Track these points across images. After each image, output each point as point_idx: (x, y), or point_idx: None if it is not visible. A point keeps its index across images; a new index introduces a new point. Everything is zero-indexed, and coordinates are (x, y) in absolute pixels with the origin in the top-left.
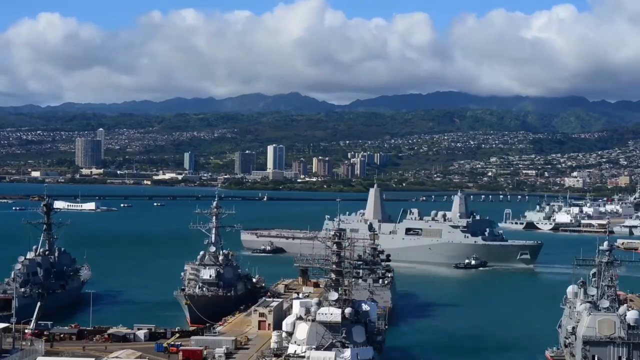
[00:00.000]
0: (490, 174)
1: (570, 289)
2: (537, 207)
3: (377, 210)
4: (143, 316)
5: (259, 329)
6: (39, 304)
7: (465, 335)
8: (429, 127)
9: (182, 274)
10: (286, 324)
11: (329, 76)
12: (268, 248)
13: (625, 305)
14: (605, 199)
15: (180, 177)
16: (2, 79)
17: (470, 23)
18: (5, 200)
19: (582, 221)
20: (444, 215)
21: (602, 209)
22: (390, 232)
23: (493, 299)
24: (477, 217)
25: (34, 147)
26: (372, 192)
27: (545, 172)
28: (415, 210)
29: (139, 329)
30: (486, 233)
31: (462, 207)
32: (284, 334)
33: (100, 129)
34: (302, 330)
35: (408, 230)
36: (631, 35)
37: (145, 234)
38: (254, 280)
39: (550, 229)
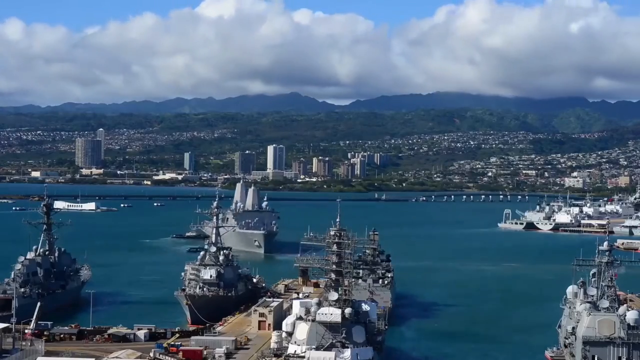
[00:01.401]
0: (490, 174)
1: (570, 289)
2: (537, 207)
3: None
4: (143, 316)
5: (259, 329)
6: (39, 304)
7: (465, 335)
8: (429, 127)
9: (183, 274)
10: (286, 324)
11: (329, 76)
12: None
13: (625, 305)
14: (605, 199)
15: (180, 177)
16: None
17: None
18: (5, 200)
19: (582, 221)
20: (243, 206)
21: (602, 209)
22: None
23: (492, 299)
24: (256, 208)
25: (34, 147)
26: (237, 187)
27: (545, 172)
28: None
29: (139, 329)
30: (252, 223)
31: (251, 199)
32: (284, 334)
33: (100, 129)
34: (302, 330)
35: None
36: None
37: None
38: (255, 280)
39: (550, 229)
